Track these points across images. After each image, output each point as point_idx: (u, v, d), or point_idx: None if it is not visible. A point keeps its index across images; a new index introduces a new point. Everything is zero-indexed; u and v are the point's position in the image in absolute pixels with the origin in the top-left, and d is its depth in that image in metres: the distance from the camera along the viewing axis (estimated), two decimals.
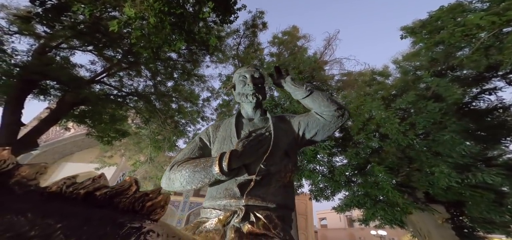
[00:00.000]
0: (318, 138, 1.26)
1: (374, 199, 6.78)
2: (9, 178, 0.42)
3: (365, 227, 20.76)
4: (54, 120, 6.72)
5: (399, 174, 6.40)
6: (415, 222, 6.02)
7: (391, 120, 5.39)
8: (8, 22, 5.79)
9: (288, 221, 1.03)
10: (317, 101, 1.23)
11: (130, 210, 0.58)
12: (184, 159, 1.12)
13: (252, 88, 1.30)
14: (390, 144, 5.86)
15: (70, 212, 0.46)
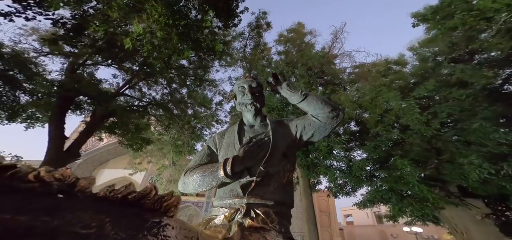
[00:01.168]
0: (315, 139, 1.31)
1: (400, 194, 6.33)
2: (74, 188, 0.60)
3: (397, 224, 19.42)
4: (90, 132, 7.54)
5: (427, 166, 5.87)
6: (449, 218, 5.47)
7: (410, 110, 4.97)
8: (40, 43, 6.64)
9: (286, 216, 1.12)
10: (312, 104, 1.28)
11: (152, 209, 0.74)
12: (195, 165, 1.26)
13: (250, 98, 1.39)
14: (412, 135, 5.40)
15: (113, 210, 0.62)
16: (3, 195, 0.48)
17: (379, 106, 5.93)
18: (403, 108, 5.29)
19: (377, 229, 28.72)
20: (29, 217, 0.47)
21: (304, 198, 7.97)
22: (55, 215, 0.52)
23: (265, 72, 8.75)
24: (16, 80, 6.27)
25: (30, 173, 0.53)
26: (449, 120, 5.48)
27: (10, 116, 6.80)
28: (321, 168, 7.28)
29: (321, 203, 22.84)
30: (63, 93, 6.36)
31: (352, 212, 33.02)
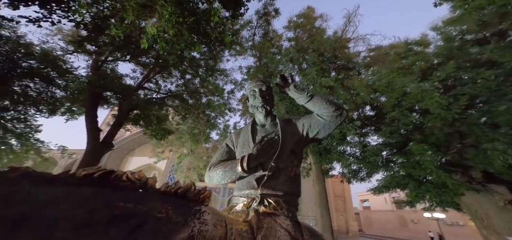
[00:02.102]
0: (320, 136, 1.43)
1: (418, 179, 6.16)
2: (146, 185, 0.85)
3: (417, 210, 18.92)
4: (119, 124, 8.25)
5: (449, 151, 5.58)
6: (469, 204, 5.26)
7: (429, 93, 4.70)
8: (65, 42, 7.22)
9: (293, 203, 1.32)
10: (317, 104, 1.39)
11: (194, 200, 0.99)
12: (217, 161, 1.48)
13: (260, 101, 1.53)
14: (431, 119, 5.13)
15: (171, 200, 0.87)
16: (114, 190, 0.75)
17: (396, 90, 5.65)
18: (421, 91, 5.00)
19: (396, 215, 28.07)
20: (132, 205, 0.73)
21: (316, 184, 8.10)
22: (144, 203, 0.77)
23: (275, 60, 8.64)
24: (50, 78, 6.98)
25: (123, 175, 0.79)
26: (477, 102, 5.08)
27: (51, 110, 7.73)
28: (334, 154, 7.28)
29: (336, 188, 22.80)
30: (92, 90, 6.99)
31: (369, 197, 32.50)
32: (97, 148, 7.38)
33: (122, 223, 0.68)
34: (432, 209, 7.83)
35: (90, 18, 4.18)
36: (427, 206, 7.57)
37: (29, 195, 0.57)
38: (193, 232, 0.84)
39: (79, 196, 0.64)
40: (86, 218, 0.61)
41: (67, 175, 0.67)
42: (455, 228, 20.99)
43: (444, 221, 20.54)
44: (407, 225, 26.65)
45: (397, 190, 7.57)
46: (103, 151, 7.74)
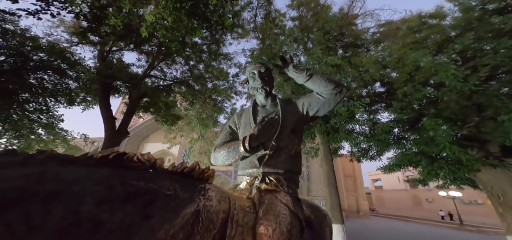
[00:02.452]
0: (320, 114, 1.46)
1: (431, 156, 5.95)
2: (155, 165, 0.93)
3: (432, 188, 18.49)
4: (131, 112, 8.61)
5: (465, 125, 5.26)
6: (485, 181, 5.04)
7: (444, 67, 4.39)
8: (69, 34, 7.35)
9: (293, 180, 1.37)
10: (317, 83, 1.40)
11: (199, 178, 1.07)
12: (221, 143, 1.55)
13: (260, 83, 1.56)
14: (446, 92, 4.83)
15: (178, 179, 0.95)
16: (127, 170, 0.84)
17: (408, 64, 5.31)
18: (436, 64, 4.67)
19: (410, 194, 27.69)
20: (144, 183, 0.81)
21: (324, 164, 8.09)
22: (154, 182, 0.86)
23: (279, 41, 8.32)
24: (62, 70, 7.29)
25: (134, 156, 0.89)
26: (499, 72, 4.67)
27: (68, 101, 8.19)
28: (342, 133, 7.15)
29: (346, 168, 22.69)
30: (102, 80, 7.25)
31: (381, 176, 32.10)
32: (115, 136, 7.81)
33: (137, 199, 0.76)
34: (446, 186, 7.63)
35: (88, 9, 4.22)
36: (441, 184, 7.38)
37: (57, 174, 0.65)
38: (199, 207, 0.91)
39: (99, 175, 0.73)
40: (106, 194, 0.70)
41: (87, 157, 0.77)
42: (473, 206, 20.39)
43: (461, 199, 19.97)
44: (421, 204, 26.31)
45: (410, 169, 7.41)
46: (120, 139, 8.18)
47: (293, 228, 1.09)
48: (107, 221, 0.67)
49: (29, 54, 6.60)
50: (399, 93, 5.79)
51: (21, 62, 6.52)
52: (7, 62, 6.37)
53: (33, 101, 7.60)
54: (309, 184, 19.30)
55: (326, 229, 1.58)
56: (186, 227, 0.83)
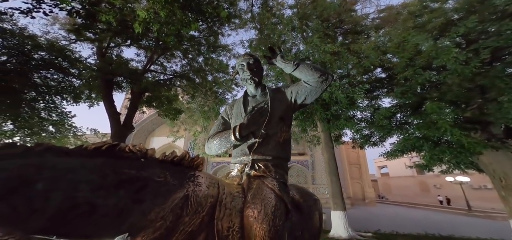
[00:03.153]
0: (308, 101, 1.50)
1: (433, 140, 5.86)
2: (146, 155, 1.02)
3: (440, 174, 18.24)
4: (134, 107, 8.74)
5: (468, 107, 5.13)
6: (487, 164, 4.96)
7: (445, 50, 4.27)
8: (66, 31, 7.36)
9: (282, 166, 1.43)
10: (304, 72, 1.44)
11: (189, 166, 1.14)
12: (214, 133, 1.61)
13: (249, 74, 1.60)
14: (447, 76, 4.71)
15: (168, 167, 1.04)
16: (119, 159, 0.93)
17: (408, 49, 5.17)
18: (437, 48, 4.54)
19: (417, 180, 27.38)
20: (135, 171, 0.91)
21: (325, 152, 8.11)
22: (145, 170, 0.95)
23: (277, 30, 8.17)
24: (63, 67, 7.40)
25: (126, 147, 0.97)
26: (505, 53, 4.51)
27: (74, 98, 8.43)
28: (342, 120, 7.11)
29: (350, 155, 22.52)
30: (103, 76, 7.38)
31: (387, 163, 31.75)
32: (120, 131, 8.05)
33: (129, 186, 0.85)
34: (450, 171, 7.54)
35: (80, 6, 4.26)
36: (445, 168, 7.30)
37: (54, 164, 0.73)
38: (188, 192, 1.00)
39: (93, 164, 0.81)
40: (100, 181, 0.78)
41: (81, 148, 0.85)
42: (482, 192, 20.00)
43: (470, 184, 19.60)
44: (429, 190, 26.03)
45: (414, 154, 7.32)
46: (126, 133, 8.43)
47: (278, 210, 1.15)
48: (101, 205, 0.76)
49: (30, 53, 6.73)
50: (400, 78, 5.66)
51: (24, 61, 6.68)
52: (10, 62, 6.52)
53: (41, 100, 7.87)
54: (313, 173, 19.35)
55: (316, 213, 1.63)
56: (175, 210, 0.92)
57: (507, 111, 3.93)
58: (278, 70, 8.15)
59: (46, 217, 0.67)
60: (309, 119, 8.29)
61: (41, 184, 0.67)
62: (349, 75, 7.13)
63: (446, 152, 5.47)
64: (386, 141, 7.49)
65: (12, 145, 0.71)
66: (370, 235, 6.59)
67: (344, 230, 6.30)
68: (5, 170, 0.63)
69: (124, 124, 8.30)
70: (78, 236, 0.77)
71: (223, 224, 1.04)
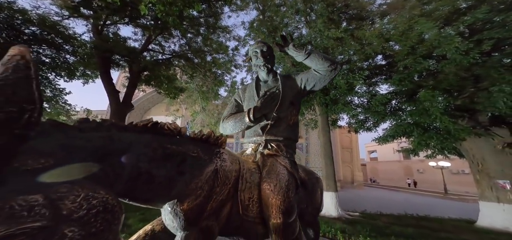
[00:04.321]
0: (317, 88, 1.63)
1: (424, 127, 6.23)
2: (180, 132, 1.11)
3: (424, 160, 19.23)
4: (134, 86, 8.67)
5: (460, 96, 5.42)
6: (468, 149, 5.40)
7: (448, 40, 4.37)
8: (58, 7, 6.92)
9: (291, 147, 1.59)
10: (314, 60, 1.54)
11: (214, 143, 1.26)
12: (228, 114, 1.72)
13: (262, 61, 1.69)
14: (445, 65, 4.88)
15: (199, 144, 1.15)
16: (162, 136, 1.04)
17: (411, 37, 5.24)
18: (440, 37, 4.63)
19: (403, 165, 28.96)
20: (175, 147, 1.03)
21: (322, 135, 8.38)
22: (182, 145, 1.06)
23: (280, 12, 7.96)
24: (56, 43, 7.11)
25: (165, 125, 1.08)
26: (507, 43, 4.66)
27: (68, 74, 8.19)
28: (340, 104, 7.32)
29: (343, 139, 23.31)
30: (100, 54, 7.16)
31: (377, 148, 33.12)
32: (120, 108, 8.02)
33: (173, 159, 0.98)
34: (434, 156, 8.08)
35: None
36: (429, 153, 7.80)
37: (120, 138, 0.85)
38: (216, 166, 1.13)
39: (144, 139, 0.93)
40: (152, 154, 0.91)
41: (133, 125, 0.97)
42: (460, 176, 21.52)
43: (450, 169, 21.00)
44: (412, 174, 27.68)
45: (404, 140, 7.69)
46: (125, 112, 8.39)
47: (290, 184, 1.34)
48: (156, 175, 0.90)
49: (21, 27, 6.41)
50: (400, 66, 5.81)
51: (14, 36, 6.37)
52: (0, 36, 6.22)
53: None
54: (307, 156, 20.01)
55: (318, 190, 1.87)
56: (209, 181, 1.07)
57: (495, 100, 4.21)
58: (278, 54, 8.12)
59: (123, 182, 0.78)
60: (307, 103, 8.47)
61: (116, 154, 0.78)
62: (350, 61, 7.18)
63: (434, 138, 5.87)
64: (379, 127, 7.82)
65: (86, 120, 0.80)
66: (357, 215, 7.13)
67: (335, 209, 6.75)
68: (90, 140, 0.73)
69: (123, 102, 8.26)
70: (142, 200, 0.94)
71: (245, 195, 1.23)
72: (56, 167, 0.57)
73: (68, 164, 0.61)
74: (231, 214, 1.18)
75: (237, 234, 1.27)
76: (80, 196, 0.57)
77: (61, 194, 0.54)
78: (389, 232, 4.55)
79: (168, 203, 1.01)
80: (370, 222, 5.69)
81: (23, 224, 0.45)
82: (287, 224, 1.21)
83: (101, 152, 0.74)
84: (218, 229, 1.12)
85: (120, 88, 9.14)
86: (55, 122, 0.69)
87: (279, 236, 1.19)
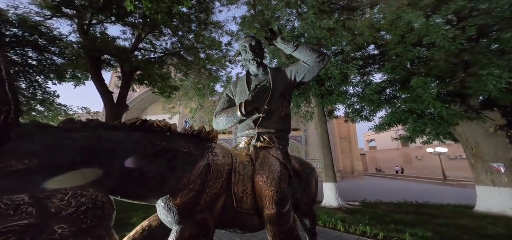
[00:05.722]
0: (306, 79, 1.63)
1: (418, 113, 6.24)
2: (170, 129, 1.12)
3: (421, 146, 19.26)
4: (127, 86, 8.54)
5: (452, 81, 5.43)
6: (462, 134, 5.42)
7: (435, 28, 4.38)
8: (38, 7, 6.60)
9: (283, 138, 1.60)
10: (303, 52, 1.55)
11: (206, 138, 1.27)
12: (221, 110, 1.74)
13: (251, 55, 1.69)
14: (435, 52, 4.88)
15: (190, 140, 1.16)
16: (151, 133, 1.04)
17: (400, 27, 5.23)
18: (428, 26, 4.63)
19: (401, 152, 29.22)
20: (166, 143, 1.04)
21: (319, 126, 8.39)
22: (173, 142, 1.06)
23: (271, 6, 7.84)
24: (40, 45, 6.88)
25: (154, 122, 1.08)
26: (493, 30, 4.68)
27: (58, 77, 7.99)
28: (335, 95, 7.31)
29: (341, 129, 23.38)
30: (89, 54, 6.98)
31: (375, 137, 33.32)
32: (115, 109, 7.90)
33: (163, 155, 0.99)
34: (430, 142, 8.12)
35: None
36: (425, 139, 7.84)
37: (108, 136, 0.85)
38: (208, 160, 1.15)
39: (134, 137, 0.94)
40: (142, 152, 0.92)
41: (122, 123, 0.98)
42: (457, 161, 21.73)
43: (447, 155, 21.20)
44: (411, 162, 27.97)
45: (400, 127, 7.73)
46: (120, 112, 8.29)
47: (283, 175, 1.36)
48: (147, 171, 0.92)
49: (0, 29, 6.19)
50: (392, 54, 5.79)
51: None
52: None
53: (23, 77, 7.45)
54: (306, 148, 20.10)
55: (313, 180, 1.89)
56: (201, 176, 1.09)
57: (485, 84, 4.23)
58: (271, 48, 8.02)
59: (113, 179, 0.80)
60: (303, 95, 8.44)
61: (105, 152, 0.79)
62: (343, 51, 7.14)
63: (428, 124, 5.91)
64: (375, 115, 7.85)
65: (71, 120, 0.81)
66: (357, 204, 7.18)
67: (335, 199, 6.81)
68: (76, 140, 0.74)
69: (118, 103, 8.16)
70: (134, 196, 0.95)
71: (238, 188, 1.25)
72: (40, 167, 0.59)
73: (53, 164, 0.62)
74: (226, 207, 1.20)
75: (234, 226, 1.29)
76: (68, 194, 0.59)
77: (47, 193, 0.56)
78: (389, 220, 4.60)
79: (161, 199, 1.02)
80: (370, 211, 5.75)
81: (10, 222, 0.48)
82: (281, 214, 1.23)
83: (88, 151, 0.74)
84: (213, 221, 1.14)
85: (114, 89, 9.01)
86: (39, 123, 0.70)
87: (274, 226, 1.21)
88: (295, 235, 1.32)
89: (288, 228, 1.27)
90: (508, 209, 5.06)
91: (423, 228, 3.90)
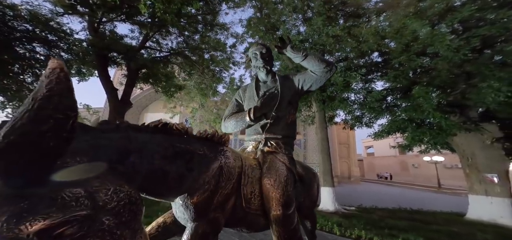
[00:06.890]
0: (313, 88, 1.71)
1: (417, 123, 6.39)
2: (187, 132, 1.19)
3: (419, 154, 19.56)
4: (132, 84, 8.62)
5: (453, 92, 5.58)
6: (459, 144, 5.60)
7: (440, 38, 4.50)
8: (52, 4, 6.72)
9: (289, 144, 1.68)
10: (311, 62, 1.61)
11: (218, 142, 1.34)
12: (230, 114, 1.80)
13: (262, 62, 1.76)
14: (438, 62, 5.02)
15: (204, 143, 1.23)
16: (171, 135, 1.12)
17: (405, 35, 5.35)
18: (433, 35, 4.76)
19: (398, 159, 29.47)
20: (184, 145, 1.11)
21: (319, 131, 8.51)
22: (189, 145, 1.13)
23: (277, 10, 8.01)
24: (49, 41, 6.98)
25: (173, 125, 1.15)
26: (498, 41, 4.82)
27: None
28: (337, 101, 7.45)
29: (340, 135, 23.54)
30: (97, 51, 7.09)
31: (373, 143, 33.55)
32: (119, 106, 8.00)
33: (182, 157, 1.07)
34: (428, 151, 8.29)
35: None
36: (423, 148, 8.00)
37: (136, 137, 0.93)
38: (221, 163, 1.22)
39: (156, 139, 1.02)
40: (164, 152, 1.00)
41: (145, 126, 1.05)
42: (454, 170, 21.99)
43: (444, 164, 21.47)
44: (408, 169, 28.22)
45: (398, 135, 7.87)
46: (124, 110, 8.38)
47: (289, 179, 1.44)
48: (169, 171, 0.99)
49: (12, 24, 6.27)
50: (395, 62, 5.92)
51: (7, 32, 6.23)
52: None
53: (30, 72, 7.53)
54: (305, 152, 20.19)
55: (314, 184, 1.98)
56: (215, 177, 1.17)
57: (484, 96, 4.36)
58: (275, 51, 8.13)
59: (141, 177, 0.87)
60: (304, 100, 8.59)
61: (135, 152, 0.87)
62: (347, 58, 7.28)
63: (427, 133, 6.05)
64: (375, 123, 7.95)
65: (106, 122, 0.89)
66: (353, 209, 7.31)
67: (332, 204, 6.91)
68: (112, 140, 0.82)
69: (122, 100, 8.26)
70: (156, 194, 1.04)
71: (247, 189, 1.33)
72: (89, 164, 0.66)
73: (97, 161, 0.69)
74: (235, 207, 1.27)
75: (241, 225, 1.37)
76: (110, 190, 0.65)
77: (96, 187, 0.62)
78: (383, 225, 4.74)
79: (180, 197, 1.10)
80: (365, 216, 5.88)
81: (73, 212, 0.54)
82: (286, 216, 1.31)
83: (122, 151, 0.82)
84: (224, 220, 1.22)
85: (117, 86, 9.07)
86: (81, 124, 0.75)
87: (279, 227, 1.29)
88: (298, 236, 1.40)
89: (292, 229, 1.35)
90: (498, 218, 5.24)
91: (415, 234, 4.05)
